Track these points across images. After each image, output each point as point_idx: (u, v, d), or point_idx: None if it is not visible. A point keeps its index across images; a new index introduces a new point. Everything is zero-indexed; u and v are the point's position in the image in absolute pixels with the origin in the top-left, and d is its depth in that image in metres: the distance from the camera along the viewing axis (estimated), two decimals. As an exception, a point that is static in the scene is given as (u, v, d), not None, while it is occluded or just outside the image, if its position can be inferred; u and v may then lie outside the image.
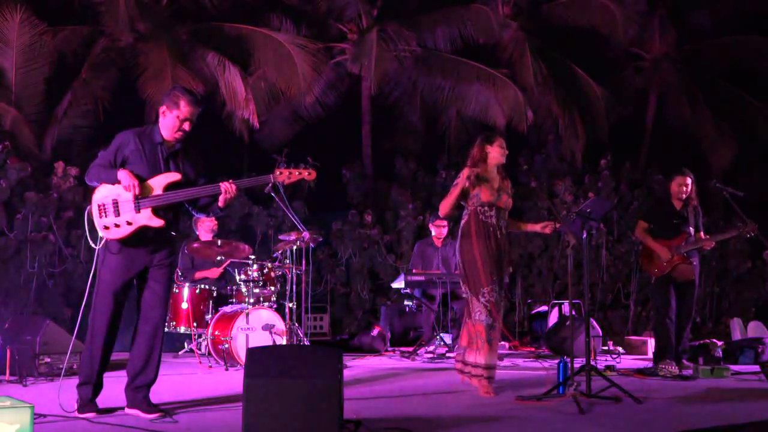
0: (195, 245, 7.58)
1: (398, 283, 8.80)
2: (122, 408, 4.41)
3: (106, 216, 4.27)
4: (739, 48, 13.97)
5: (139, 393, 4.38)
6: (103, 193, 4.30)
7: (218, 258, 7.41)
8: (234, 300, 7.37)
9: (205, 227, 8.08)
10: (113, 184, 4.27)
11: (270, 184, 4.76)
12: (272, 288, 7.33)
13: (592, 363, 5.17)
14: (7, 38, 10.03)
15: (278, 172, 4.54)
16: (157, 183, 4.32)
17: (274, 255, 7.94)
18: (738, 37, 13.97)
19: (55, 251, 9.21)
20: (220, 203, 4.47)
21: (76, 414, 4.26)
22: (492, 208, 5.33)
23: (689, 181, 6.99)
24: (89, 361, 4.34)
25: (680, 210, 7.00)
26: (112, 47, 11.07)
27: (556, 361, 5.40)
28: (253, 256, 7.35)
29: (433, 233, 9.03)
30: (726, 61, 14.15)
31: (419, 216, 11.46)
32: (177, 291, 7.47)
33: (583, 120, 13.15)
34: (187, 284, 7.51)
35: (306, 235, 7.30)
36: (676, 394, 5.39)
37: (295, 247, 7.46)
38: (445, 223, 8.79)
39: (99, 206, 4.28)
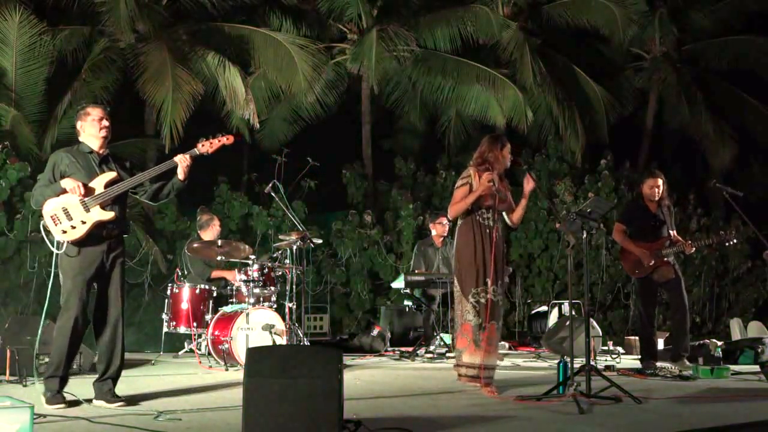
0: (195, 245, 7.59)
1: (398, 283, 8.80)
2: (89, 400, 4.69)
3: (61, 223, 4.62)
4: (739, 48, 13.97)
5: (105, 385, 4.74)
6: (51, 206, 4.65)
7: (218, 258, 7.41)
8: (234, 300, 7.37)
9: (212, 232, 8.07)
10: (58, 195, 4.64)
11: (265, 184, 4.86)
12: (272, 288, 7.33)
13: (592, 363, 5.17)
14: (7, 38, 10.01)
15: (201, 145, 4.95)
16: (98, 183, 4.72)
17: (274, 255, 7.94)
18: (738, 37, 13.97)
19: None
20: (181, 175, 4.87)
21: (45, 406, 4.48)
22: (489, 210, 5.47)
23: (660, 182, 6.98)
24: (59, 355, 4.65)
25: (656, 212, 7.00)
26: (112, 47, 11.06)
27: (556, 360, 5.40)
28: (253, 256, 7.35)
29: (433, 233, 9.03)
30: (726, 61, 14.16)
31: (419, 216, 11.46)
32: (177, 291, 7.47)
33: (583, 120, 13.15)
34: (187, 284, 7.51)
35: (306, 235, 7.30)
36: (676, 394, 5.39)
37: (295, 247, 7.46)
38: (445, 221, 8.79)
39: (51, 217, 4.63)
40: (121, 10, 10.56)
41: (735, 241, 6.94)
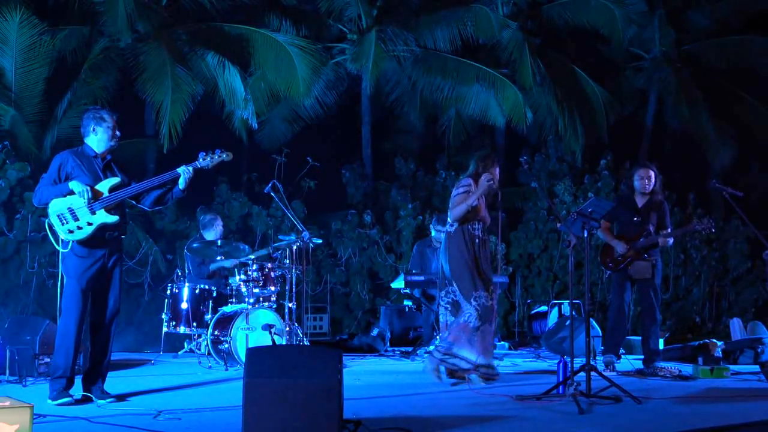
0: (195, 245, 7.59)
1: (398, 284, 8.79)
2: (91, 399, 4.78)
3: (67, 222, 4.78)
4: (739, 48, 13.96)
5: (96, 381, 4.88)
6: (58, 206, 4.79)
7: (218, 258, 7.41)
8: (234, 300, 7.37)
9: (215, 232, 8.07)
10: (65, 195, 4.78)
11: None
12: (272, 288, 7.32)
13: (592, 363, 5.18)
14: (7, 38, 10.00)
15: (201, 159, 5.14)
16: (103, 187, 4.89)
17: (274, 255, 7.93)
18: (738, 36, 13.97)
19: (55, 251, 9.20)
20: (182, 185, 5.06)
21: (52, 402, 4.59)
22: (479, 222, 5.90)
23: (651, 173, 6.87)
24: (64, 356, 4.74)
25: (642, 207, 6.88)
26: (112, 47, 11.06)
27: (556, 360, 5.40)
28: (253, 256, 7.35)
29: (433, 234, 9.02)
30: (726, 61, 14.14)
31: (419, 216, 11.45)
32: (177, 291, 7.47)
33: (583, 120, 13.14)
34: (187, 284, 7.51)
35: (306, 234, 7.30)
36: (676, 394, 5.39)
37: (294, 247, 7.45)
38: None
39: (58, 216, 4.78)
40: (118, 10, 10.55)
41: (713, 230, 6.92)
